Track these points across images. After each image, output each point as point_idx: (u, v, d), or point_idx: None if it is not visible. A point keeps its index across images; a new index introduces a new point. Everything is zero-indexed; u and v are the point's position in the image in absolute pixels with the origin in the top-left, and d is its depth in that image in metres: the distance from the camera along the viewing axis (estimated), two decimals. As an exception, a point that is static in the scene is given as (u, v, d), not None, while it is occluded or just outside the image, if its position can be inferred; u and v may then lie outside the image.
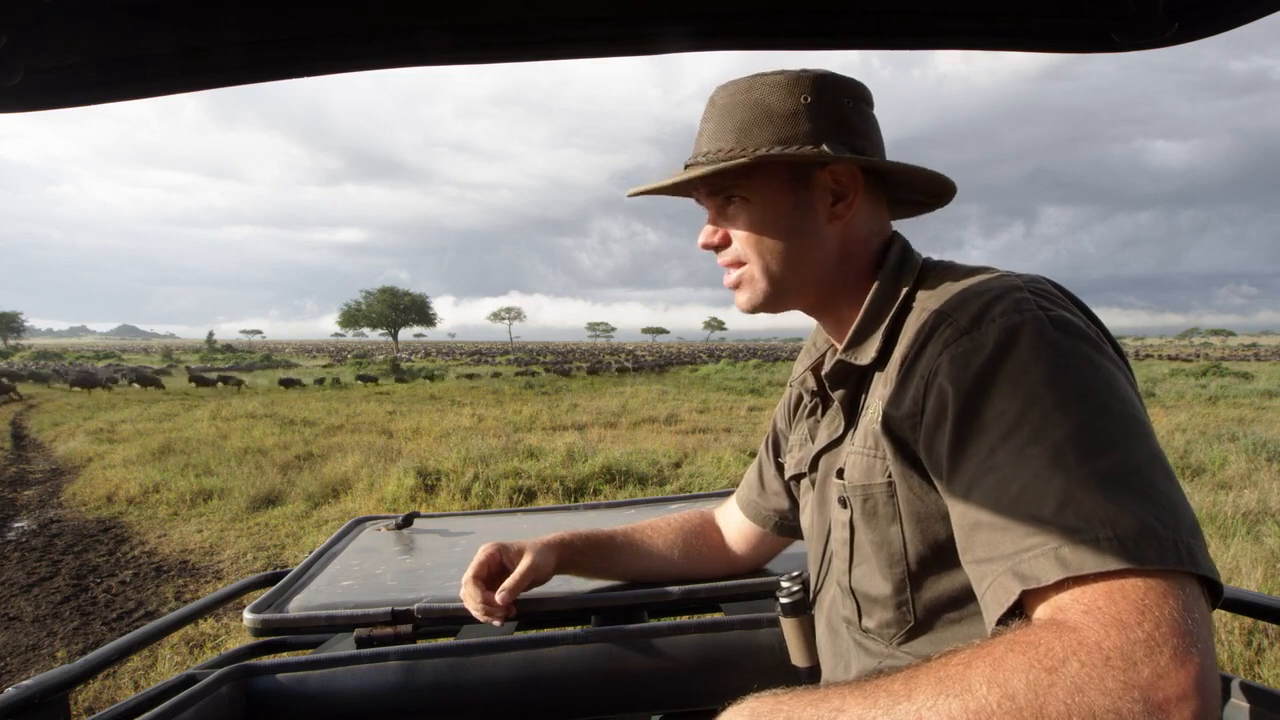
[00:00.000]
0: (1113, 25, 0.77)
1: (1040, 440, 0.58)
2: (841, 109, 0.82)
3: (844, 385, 0.84)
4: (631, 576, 1.22)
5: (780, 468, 1.08)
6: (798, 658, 0.95)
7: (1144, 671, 0.47)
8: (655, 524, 1.24)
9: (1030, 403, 0.60)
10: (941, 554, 0.71)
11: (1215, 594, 0.54)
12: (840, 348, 0.84)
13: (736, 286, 0.86)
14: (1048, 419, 0.59)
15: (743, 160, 0.79)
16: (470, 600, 1.07)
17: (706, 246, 0.88)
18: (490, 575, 1.10)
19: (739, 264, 0.85)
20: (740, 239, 0.84)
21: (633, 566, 1.21)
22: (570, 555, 1.15)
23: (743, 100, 0.82)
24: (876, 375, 0.80)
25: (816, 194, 0.82)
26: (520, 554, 1.11)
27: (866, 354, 0.80)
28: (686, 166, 0.86)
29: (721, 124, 0.83)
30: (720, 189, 0.84)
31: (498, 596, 1.06)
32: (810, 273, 0.84)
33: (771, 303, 0.86)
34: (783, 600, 0.94)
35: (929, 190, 0.89)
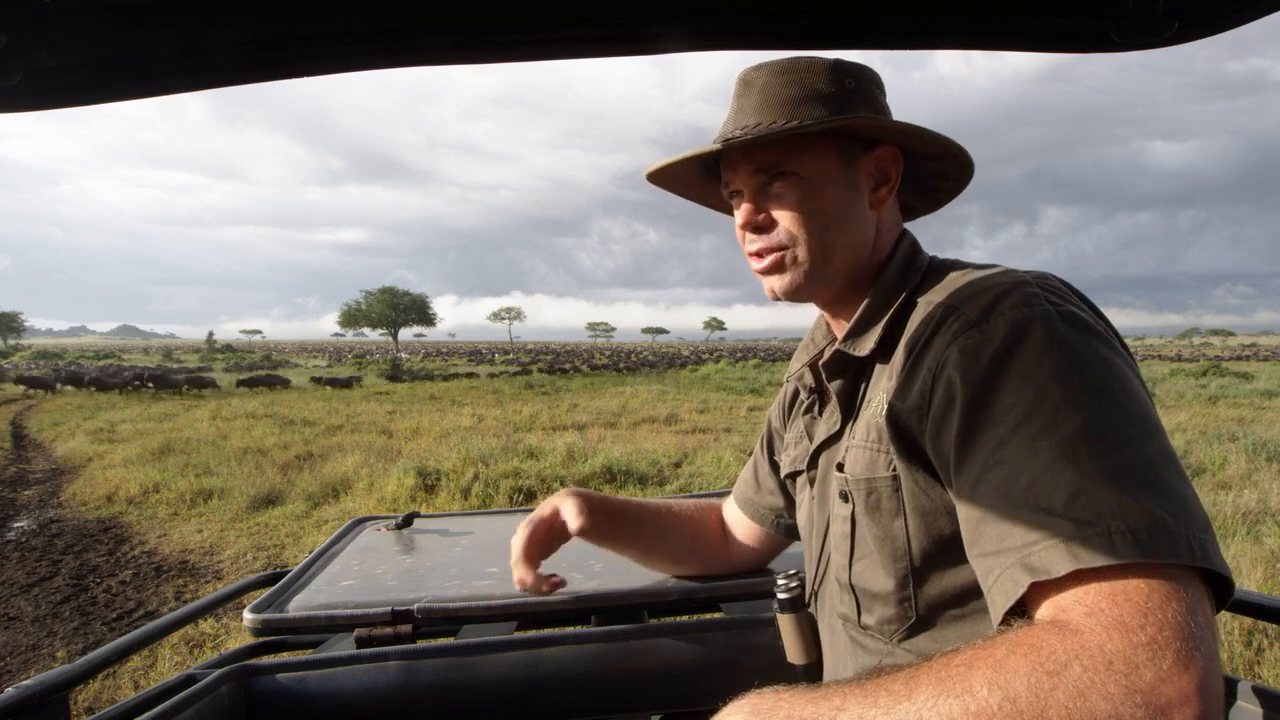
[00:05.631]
0: (1113, 25, 0.77)
1: (1051, 433, 0.58)
2: (876, 97, 0.83)
3: (841, 376, 0.84)
4: (637, 558, 1.21)
5: (775, 466, 1.08)
6: (794, 655, 0.94)
7: (1146, 675, 0.47)
8: (669, 510, 1.22)
9: (1041, 396, 0.60)
10: (946, 549, 0.71)
11: (1225, 592, 0.54)
12: (840, 339, 0.84)
13: (775, 270, 0.83)
14: (1058, 412, 0.59)
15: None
16: (524, 579, 1.04)
17: (746, 226, 0.83)
18: (537, 549, 1.07)
19: (782, 246, 0.81)
20: (788, 218, 0.80)
21: (643, 548, 1.19)
22: (591, 523, 1.13)
23: (787, 78, 0.80)
24: (878, 368, 0.80)
25: (863, 177, 0.82)
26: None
27: (865, 345, 0.80)
28: (719, 141, 0.81)
29: (767, 98, 0.80)
30: (769, 165, 0.80)
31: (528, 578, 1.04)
32: (851, 258, 0.83)
33: (811, 286, 0.82)
34: (780, 596, 0.94)
35: (941, 183, 0.90)
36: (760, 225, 0.82)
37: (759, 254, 0.83)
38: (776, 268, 0.82)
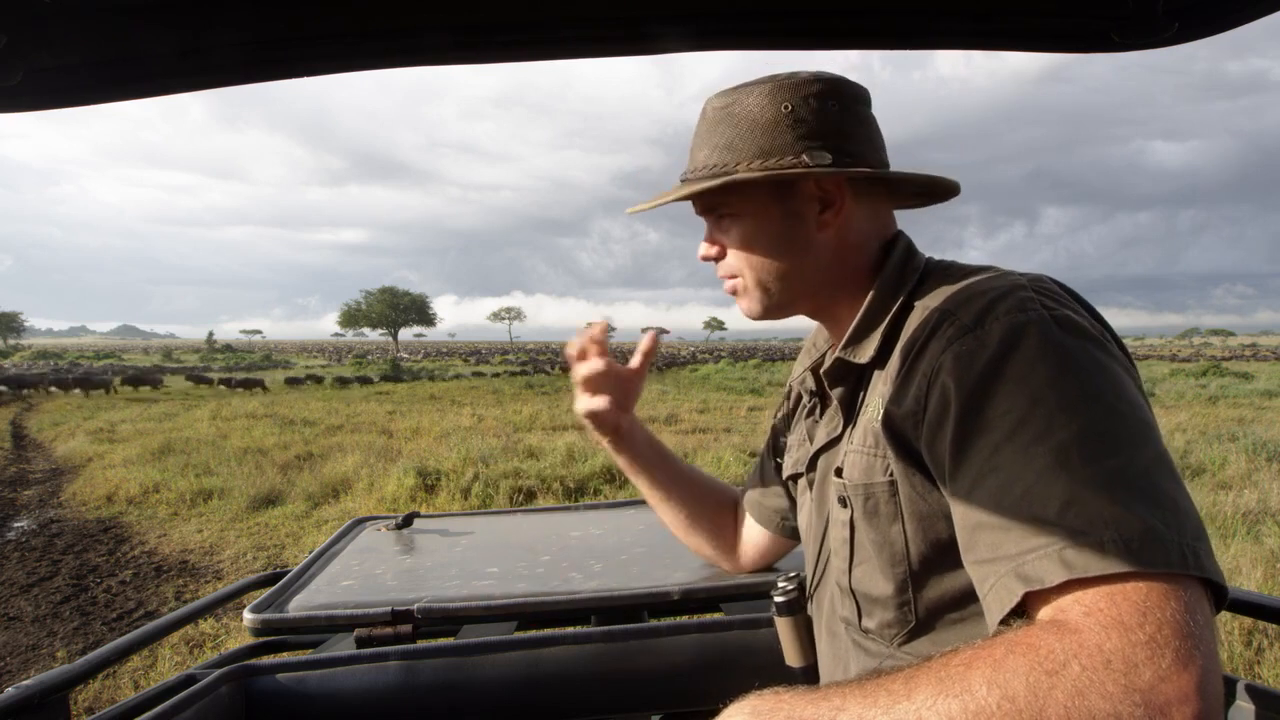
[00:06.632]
0: (1113, 25, 0.77)
1: (1045, 440, 0.58)
2: (826, 113, 0.80)
3: (843, 383, 0.84)
4: (657, 500, 1.22)
5: (779, 468, 1.08)
6: (792, 657, 0.94)
7: (1145, 675, 0.46)
8: (698, 472, 1.26)
9: (1035, 402, 0.60)
10: (944, 553, 0.71)
11: (1220, 598, 0.54)
12: (839, 346, 0.84)
13: (735, 296, 0.89)
14: (1053, 419, 0.58)
15: (721, 180, 0.80)
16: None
17: (705, 259, 0.90)
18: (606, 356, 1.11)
19: (733, 275, 0.87)
20: (733, 253, 0.86)
21: (666, 492, 1.20)
22: (634, 437, 1.17)
23: (728, 114, 0.82)
24: (877, 374, 0.79)
25: (803, 203, 0.82)
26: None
27: (865, 352, 0.80)
28: (682, 181, 0.87)
29: (709, 140, 0.84)
30: (710, 207, 0.86)
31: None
32: (804, 283, 0.85)
33: (769, 313, 0.88)
34: (777, 599, 0.94)
35: (928, 185, 0.88)
36: (713, 257, 0.88)
37: (722, 279, 0.90)
38: (734, 293, 0.89)
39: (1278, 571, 4.27)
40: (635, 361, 1.14)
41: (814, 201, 0.82)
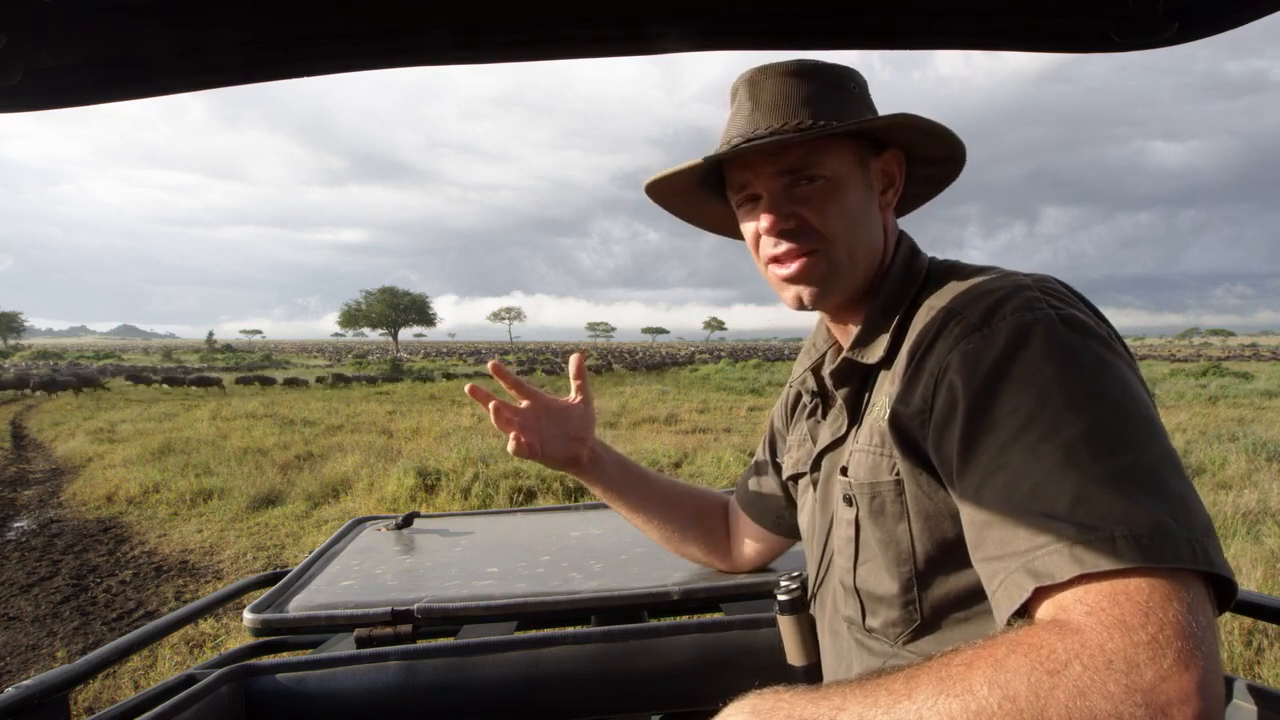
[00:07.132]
0: (1113, 25, 0.77)
1: (1053, 438, 0.58)
2: (870, 101, 0.84)
3: (848, 383, 0.84)
4: (641, 523, 1.23)
5: (778, 468, 1.08)
6: (794, 656, 0.95)
7: (1146, 675, 0.46)
8: (676, 485, 1.25)
9: (1043, 401, 0.60)
10: (950, 553, 0.71)
11: (1228, 594, 0.54)
12: (846, 346, 0.84)
13: (803, 274, 0.80)
14: (1060, 417, 0.59)
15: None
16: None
17: (773, 230, 0.80)
18: (527, 389, 1.13)
19: (811, 250, 0.79)
20: (820, 220, 0.79)
21: (648, 514, 1.21)
22: (602, 464, 1.18)
23: (799, 80, 0.80)
24: (882, 374, 0.80)
25: (873, 179, 0.83)
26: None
27: (874, 353, 0.80)
28: (739, 142, 0.79)
29: (786, 99, 0.79)
30: (797, 166, 0.79)
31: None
32: (869, 260, 0.83)
33: (838, 290, 0.81)
34: (780, 598, 0.94)
35: (924, 189, 0.91)
36: (788, 229, 0.80)
37: (782, 259, 0.81)
38: (805, 272, 0.80)
39: (1278, 571, 4.27)
40: (573, 393, 1.14)
41: (879, 180, 0.83)
